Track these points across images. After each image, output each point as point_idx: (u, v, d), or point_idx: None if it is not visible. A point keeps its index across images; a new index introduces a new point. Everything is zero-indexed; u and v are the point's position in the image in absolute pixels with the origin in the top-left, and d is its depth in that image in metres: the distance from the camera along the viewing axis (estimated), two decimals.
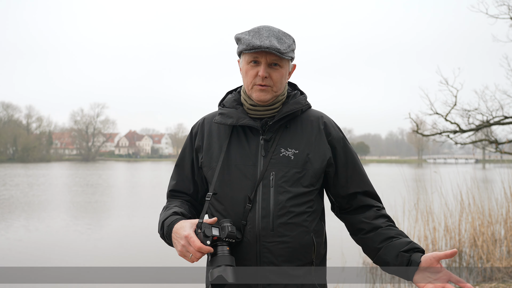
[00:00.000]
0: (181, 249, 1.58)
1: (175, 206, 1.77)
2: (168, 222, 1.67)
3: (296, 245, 1.65)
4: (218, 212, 1.71)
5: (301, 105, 1.76)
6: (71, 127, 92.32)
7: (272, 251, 1.63)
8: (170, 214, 1.70)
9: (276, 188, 1.67)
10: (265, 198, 1.66)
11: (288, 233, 1.64)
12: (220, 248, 1.56)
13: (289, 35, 1.73)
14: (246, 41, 1.66)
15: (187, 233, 1.56)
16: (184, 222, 1.61)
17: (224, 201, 1.70)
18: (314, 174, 1.72)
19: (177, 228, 1.61)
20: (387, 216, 1.76)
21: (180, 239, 1.58)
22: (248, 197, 1.67)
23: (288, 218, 1.65)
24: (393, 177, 25.97)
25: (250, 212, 1.65)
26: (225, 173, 1.71)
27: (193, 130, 1.87)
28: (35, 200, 17.88)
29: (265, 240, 1.63)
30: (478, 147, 10.63)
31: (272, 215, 1.65)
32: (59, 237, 10.71)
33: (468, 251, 7.19)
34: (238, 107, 1.77)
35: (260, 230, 1.64)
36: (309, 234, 1.68)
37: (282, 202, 1.66)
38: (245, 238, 1.64)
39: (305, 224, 1.68)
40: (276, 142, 1.72)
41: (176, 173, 1.89)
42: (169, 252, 1.67)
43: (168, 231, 1.65)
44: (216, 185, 1.71)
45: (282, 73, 1.71)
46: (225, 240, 1.58)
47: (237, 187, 1.69)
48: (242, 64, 1.75)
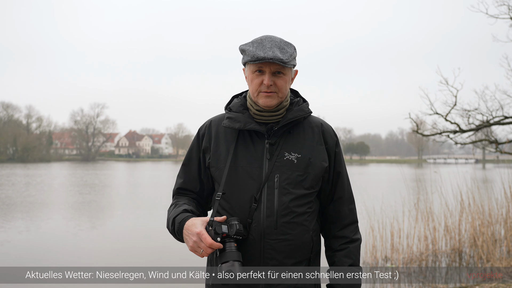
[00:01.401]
0: (192, 244, 1.69)
1: (184, 203, 1.88)
2: (180, 219, 1.77)
3: (297, 243, 1.79)
4: (225, 210, 1.82)
5: (305, 113, 1.89)
6: (71, 127, 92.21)
7: (275, 248, 1.77)
8: (181, 212, 1.81)
9: (280, 190, 1.80)
10: (270, 199, 1.79)
11: (290, 232, 1.78)
12: (228, 245, 1.68)
13: (290, 44, 1.83)
14: (250, 53, 1.78)
15: (199, 230, 1.67)
16: (195, 220, 1.73)
17: (231, 200, 1.82)
18: (314, 177, 1.85)
19: (189, 225, 1.72)
20: (345, 236, 1.91)
21: (192, 236, 1.69)
22: (254, 197, 1.79)
23: (290, 217, 1.78)
24: (393, 177, 26.00)
25: (256, 211, 1.78)
26: (232, 174, 1.83)
27: (200, 131, 1.97)
28: (34, 200, 17.86)
29: (269, 238, 1.76)
30: (478, 147, 10.62)
31: (276, 214, 1.77)
32: (57, 237, 10.69)
33: (468, 251, 7.19)
34: (244, 112, 1.89)
35: (264, 228, 1.77)
36: (308, 233, 1.82)
37: (285, 203, 1.79)
38: (250, 235, 1.77)
39: (305, 224, 1.82)
40: (281, 146, 1.84)
41: (183, 172, 1.99)
42: (169, 252, 1.67)
43: (180, 227, 1.76)
44: (224, 185, 1.82)
45: (285, 80, 1.83)
46: (233, 237, 1.70)
47: (243, 187, 1.81)
48: (247, 73, 1.86)
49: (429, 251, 7.16)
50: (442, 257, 7.22)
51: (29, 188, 23.15)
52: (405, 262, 7.06)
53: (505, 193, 7.38)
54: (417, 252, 7.21)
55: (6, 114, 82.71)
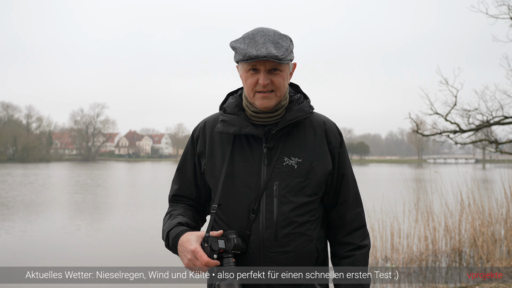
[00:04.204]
0: (187, 262, 1.59)
1: (179, 214, 1.75)
2: (174, 234, 1.66)
3: (299, 254, 1.66)
4: (222, 221, 1.70)
5: (305, 113, 1.73)
6: (71, 127, 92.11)
7: (276, 261, 1.64)
8: (175, 225, 1.69)
9: (279, 198, 1.66)
10: (269, 209, 1.65)
11: (292, 243, 1.65)
12: (226, 260, 1.58)
13: (285, 36, 1.67)
14: (242, 51, 1.61)
15: (193, 248, 1.57)
16: (190, 235, 1.62)
17: (228, 211, 1.69)
18: (317, 183, 1.70)
19: (183, 241, 1.61)
20: (351, 242, 1.75)
21: (186, 253, 1.59)
22: (251, 208, 1.66)
23: (291, 228, 1.65)
24: (393, 177, 25.98)
25: (254, 222, 1.65)
26: (228, 183, 1.70)
27: (194, 134, 1.83)
28: (34, 200, 17.85)
29: (269, 250, 1.64)
30: (478, 147, 10.61)
31: (276, 225, 1.64)
32: (57, 237, 10.69)
33: (468, 251, 7.18)
34: (240, 113, 1.74)
35: (264, 240, 1.64)
36: (312, 242, 1.69)
37: (285, 213, 1.65)
38: (249, 248, 1.65)
39: (308, 233, 1.68)
40: (280, 150, 1.69)
41: (178, 177, 1.87)
42: (169, 252, 1.67)
43: (174, 243, 1.65)
44: (220, 195, 1.70)
45: (283, 77, 1.67)
46: (231, 252, 1.59)
47: (240, 197, 1.68)
48: (241, 71, 1.72)
49: (429, 251, 7.15)
50: (442, 257, 7.22)
51: (29, 188, 23.13)
52: (405, 262, 7.06)
53: (505, 193, 7.37)
54: (417, 252, 7.20)
55: (6, 114, 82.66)
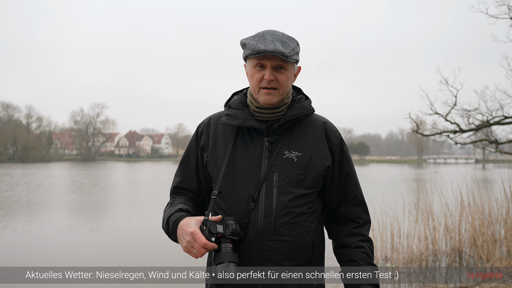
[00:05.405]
0: (186, 245, 1.63)
1: (180, 203, 1.82)
2: (174, 218, 1.71)
3: (297, 244, 1.71)
4: (222, 210, 1.76)
5: (306, 110, 1.82)
6: (71, 127, 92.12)
7: (273, 249, 1.69)
8: (176, 211, 1.74)
9: (279, 189, 1.73)
10: (268, 198, 1.72)
11: (289, 233, 1.71)
12: (223, 245, 1.62)
13: (293, 39, 1.77)
14: (251, 46, 1.71)
15: (192, 230, 1.61)
16: (190, 219, 1.67)
17: (228, 199, 1.76)
18: (315, 176, 1.77)
19: (183, 225, 1.66)
20: (362, 234, 1.81)
21: (185, 235, 1.63)
22: (251, 196, 1.72)
23: (289, 218, 1.72)
24: (393, 177, 25.98)
25: (253, 211, 1.71)
26: (230, 173, 1.77)
27: (199, 129, 1.92)
28: (34, 199, 17.85)
29: (267, 239, 1.70)
30: (478, 147, 10.62)
31: (275, 214, 1.71)
32: (57, 237, 10.69)
33: (468, 251, 7.19)
34: (244, 108, 1.83)
35: (262, 228, 1.70)
36: (309, 234, 1.74)
37: (284, 202, 1.72)
38: (247, 236, 1.70)
39: (305, 224, 1.74)
40: (280, 144, 1.78)
41: (180, 170, 1.94)
42: (169, 252, 1.66)
43: (174, 227, 1.70)
44: (221, 183, 1.76)
45: (287, 76, 1.76)
46: (229, 237, 1.63)
47: (241, 186, 1.75)
48: (248, 68, 1.80)
49: (429, 251, 7.16)
50: (442, 257, 7.22)
51: (29, 188, 23.15)
52: (405, 262, 7.06)
53: (505, 193, 7.38)
54: (417, 252, 7.20)
55: (6, 114, 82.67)
